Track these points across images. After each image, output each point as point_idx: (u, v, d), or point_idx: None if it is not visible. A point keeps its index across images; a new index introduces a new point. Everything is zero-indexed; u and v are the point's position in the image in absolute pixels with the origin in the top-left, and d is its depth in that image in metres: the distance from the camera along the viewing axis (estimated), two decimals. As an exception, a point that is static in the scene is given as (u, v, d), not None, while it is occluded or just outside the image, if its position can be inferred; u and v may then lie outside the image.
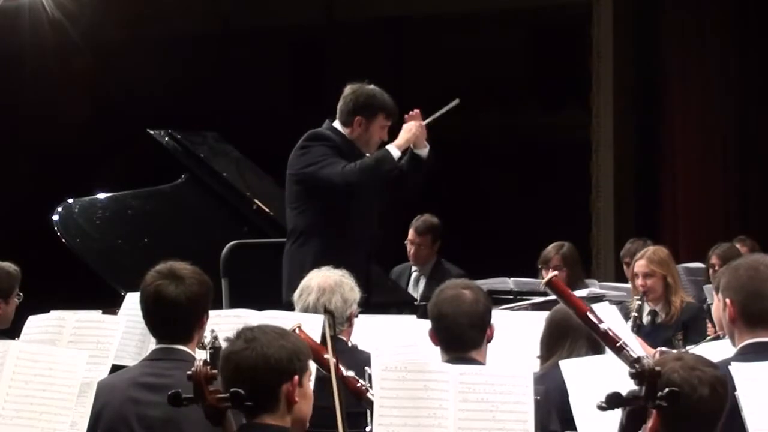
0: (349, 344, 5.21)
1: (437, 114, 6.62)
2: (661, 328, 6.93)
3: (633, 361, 3.25)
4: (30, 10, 12.01)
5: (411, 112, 6.63)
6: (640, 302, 6.89)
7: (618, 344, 4.57)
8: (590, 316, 4.61)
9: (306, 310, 5.18)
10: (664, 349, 5.31)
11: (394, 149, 6.53)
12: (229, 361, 3.43)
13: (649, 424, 3.28)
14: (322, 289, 5.21)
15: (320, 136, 6.64)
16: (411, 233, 8.67)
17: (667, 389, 3.18)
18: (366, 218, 6.61)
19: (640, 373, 3.17)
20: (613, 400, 3.18)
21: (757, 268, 4.07)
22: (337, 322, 5.17)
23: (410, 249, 8.70)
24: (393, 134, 6.70)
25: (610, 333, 4.59)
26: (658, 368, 3.18)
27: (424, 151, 6.65)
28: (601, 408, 3.18)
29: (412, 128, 6.56)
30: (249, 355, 3.42)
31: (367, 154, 6.65)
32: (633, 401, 3.19)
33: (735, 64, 11.71)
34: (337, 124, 6.69)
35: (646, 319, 7.00)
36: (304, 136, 6.68)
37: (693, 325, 6.98)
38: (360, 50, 12.97)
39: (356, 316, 5.31)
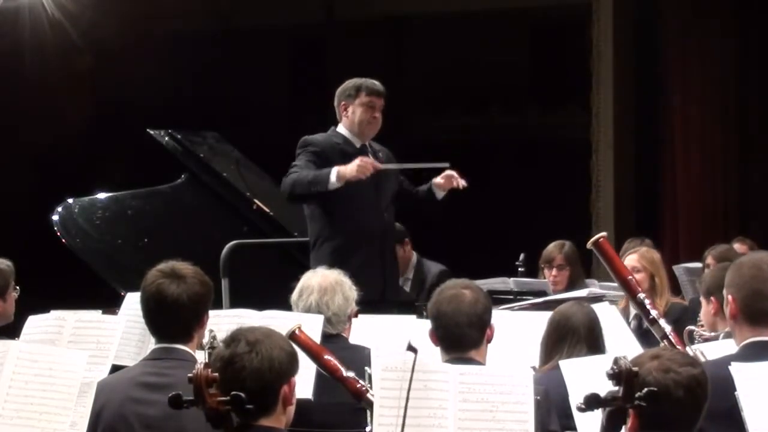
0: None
1: (415, 165, 6.66)
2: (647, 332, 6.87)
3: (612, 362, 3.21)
4: (30, 10, 11.99)
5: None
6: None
7: (651, 317, 4.61)
8: (631, 281, 4.65)
9: (308, 309, 5.18)
10: (692, 328, 5.30)
11: (334, 176, 6.42)
12: (233, 364, 3.43)
13: (629, 424, 3.26)
14: (324, 288, 5.21)
15: (305, 143, 6.71)
16: None
17: (645, 389, 3.15)
18: (373, 212, 6.64)
19: (618, 373, 3.14)
20: (591, 401, 3.15)
21: (760, 266, 4.11)
22: (339, 320, 5.18)
23: None
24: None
25: (647, 304, 4.62)
26: (635, 369, 3.15)
27: (442, 194, 6.80)
28: (579, 409, 3.16)
29: (357, 167, 6.41)
30: (254, 358, 3.43)
31: (363, 144, 6.74)
32: (611, 402, 3.17)
33: (735, 64, 11.72)
34: (339, 127, 6.77)
35: (632, 323, 6.94)
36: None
37: (679, 326, 6.92)
38: (360, 49, 12.96)
39: (356, 316, 5.32)
